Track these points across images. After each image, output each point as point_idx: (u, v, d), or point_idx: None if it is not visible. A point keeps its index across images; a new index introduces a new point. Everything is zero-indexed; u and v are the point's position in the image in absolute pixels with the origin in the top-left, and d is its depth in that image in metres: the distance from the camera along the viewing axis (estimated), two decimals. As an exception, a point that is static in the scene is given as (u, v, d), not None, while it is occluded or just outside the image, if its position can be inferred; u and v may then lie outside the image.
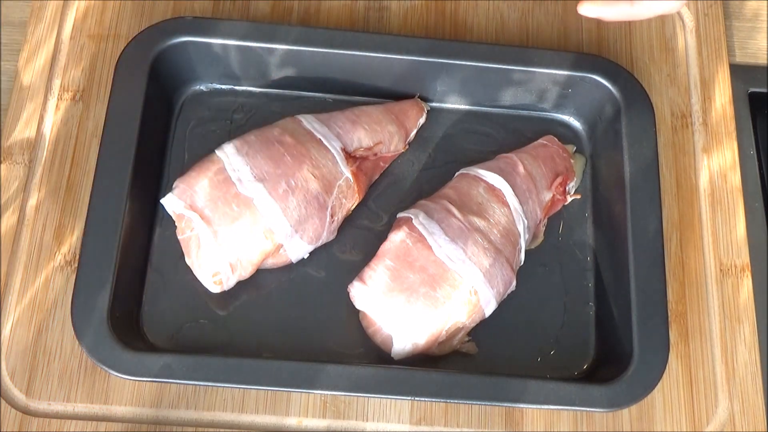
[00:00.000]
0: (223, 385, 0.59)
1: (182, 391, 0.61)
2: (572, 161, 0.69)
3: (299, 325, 0.63)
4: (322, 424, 0.62)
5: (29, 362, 0.61)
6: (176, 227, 0.62)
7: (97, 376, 0.61)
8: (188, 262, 0.62)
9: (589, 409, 0.58)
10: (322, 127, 0.64)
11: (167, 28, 0.65)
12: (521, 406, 0.59)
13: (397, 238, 0.61)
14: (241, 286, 0.63)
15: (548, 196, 0.67)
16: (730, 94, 0.73)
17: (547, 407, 0.59)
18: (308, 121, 0.65)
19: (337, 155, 0.63)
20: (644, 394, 0.59)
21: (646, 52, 0.74)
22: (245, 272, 0.62)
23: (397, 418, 0.62)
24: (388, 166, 0.69)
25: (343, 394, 0.59)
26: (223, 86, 0.70)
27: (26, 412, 0.60)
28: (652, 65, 0.74)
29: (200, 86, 0.70)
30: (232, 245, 0.60)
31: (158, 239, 0.65)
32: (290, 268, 0.65)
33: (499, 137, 0.71)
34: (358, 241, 0.66)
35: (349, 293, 0.62)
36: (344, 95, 0.70)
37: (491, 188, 0.64)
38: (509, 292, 0.63)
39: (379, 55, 0.66)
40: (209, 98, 0.70)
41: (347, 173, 0.64)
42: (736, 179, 0.71)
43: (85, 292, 0.58)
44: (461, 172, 0.67)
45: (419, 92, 0.70)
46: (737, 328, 0.66)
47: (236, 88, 0.70)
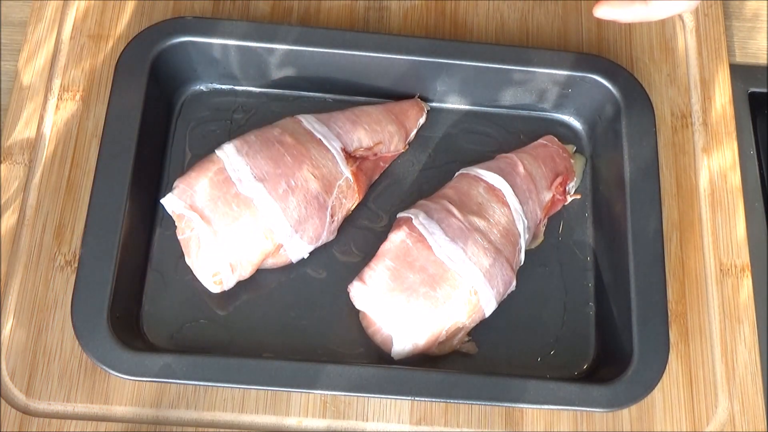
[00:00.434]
0: (223, 385, 0.59)
1: (182, 391, 0.61)
2: (572, 161, 0.69)
3: (299, 325, 0.63)
4: (322, 424, 0.62)
5: (29, 362, 0.61)
6: (176, 227, 0.62)
7: (97, 376, 0.61)
8: (188, 262, 0.62)
9: (589, 409, 0.58)
10: (322, 127, 0.64)
11: (167, 28, 0.65)
12: (521, 406, 0.59)
13: (397, 238, 0.61)
14: (241, 286, 0.63)
15: (548, 196, 0.67)
16: (730, 94, 0.73)
17: (547, 407, 0.59)
18: (308, 121, 0.65)
19: (337, 155, 0.63)
20: (644, 394, 0.59)
21: (646, 52, 0.74)
22: (245, 272, 0.62)
23: (397, 418, 0.62)
24: (388, 166, 0.69)
25: (343, 394, 0.59)
26: (223, 86, 0.70)
27: (26, 412, 0.60)
28: (652, 65, 0.74)
29: (200, 86, 0.70)
30: (232, 245, 0.60)
31: (158, 239, 0.65)
32: (290, 268, 0.65)
33: (499, 137, 0.71)
34: (358, 241, 0.66)
35: (349, 293, 0.62)
36: (344, 95, 0.70)
37: (491, 188, 0.64)
38: (509, 292, 0.63)
39: (379, 55, 0.66)
40: (209, 98, 0.70)
41: (347, 173, 0.64)
42: (736, 179, 0.71)
43: (85, 292, 0.58)
44: (461, 172, 0.67)
45: (419, 92, 0.70)
46: (737, 328, 0.66)
47: (236, 88, 0.70)
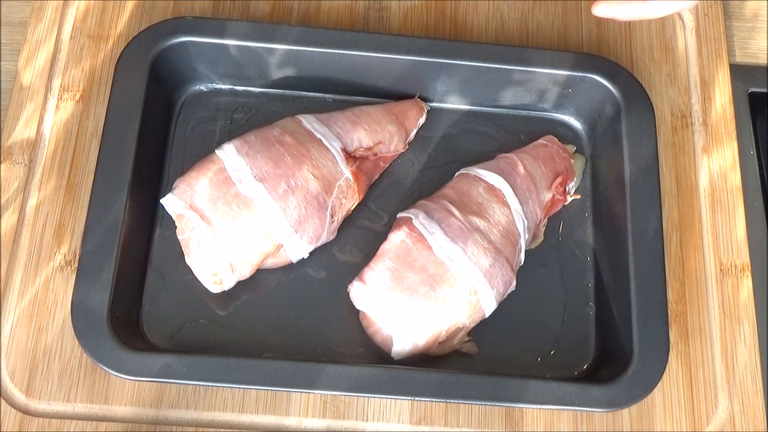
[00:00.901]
0: (223, 385, 0.59)
1: (182, 391, 0.61)
2: (572, 161, 0.69)
3: (299, 325, 0.63)
4: (322, 424, 0.62)
5: (29, 362, 0.61)
6: (176, 227, 0.62)
7: (97, 376, 0.61)
8: (188, 262, 0.62)
9: (589, 409, 0.58)
10: (322, 127, 0.64)
11: (167, 28, 0.65)
12: (521, 406, 0.59)
13: (397, 238, 0.61)
14: (241, 286, 0.63)
15: (548, 196, 0.67)
16: (730, 94, 0.73)
17: (547, 407, 0.59)
18: (308, 121, 0.65)
19: (337, 155, 0.63)
20: (644, 394, 0.59)
21: (646, 52, 0.74)
22: (245, 272, 0.62)
23: (397, 418, 0.62)
24: (388, 166, 0.69)
25: (343, 394, 0.59)
26: (223, 86, 0.70)
27: (26, 412, 0.60)
28: (652, 65, 0.74)
29: (200, 86, 0.70)
30: (232, 245, 0.60)
31: (158, 239, 0.65)
32: (290, 268, 0.65)
33: (499, 137, 0.71)
34: (358, 241, 0.66)
35: (349, 293, 0.62)
36: (344, 95, 0.70)
37: (491, 188, 0.64)
38: (509, 292, 0.63)
39: (379, 55, 0.66)
40: (209, 98, 0.70)
41: (347, 173, 0.64)
42: (736, 179, 0.71)
43: (85, 292, 0.58)
44: (461, 172, 0.67)
45: (419, 92, 0.70)
46: (737, 328, 0.66)
47: (236, 88, 0.70)
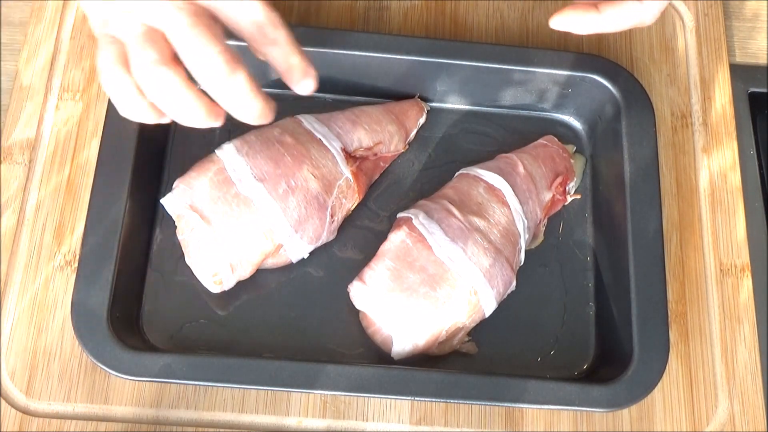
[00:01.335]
0: (223, 385, 0.59)
1: (182, 391, 0.61)
2: (572, 161, 0.69)
3: (299, 325, 0.63)
4: (322, 424, 0.62)
5: (29, 362, 0.61)
6: (176, 227, 0.62)
7: (97, 376, 0.61)
8: (188, 262, 0.62)
9: (589, 409, 0.58)
10: (322, 127, 0.64)
11: (167, 28, 0.65)
12: (521, 406, 0.59)
13: (397, 238, 0.61)
14: (241, 286, 0.63)
15: (548, 196, 0.67)
16: (730, 94, 0.73)
17: (547, 407, 0.59)
18: (308, 121, 0.65)
19: (337, 155, 0.63)
20: (644, 394, 0.59)
21: (646, 52, 0.74)
22: (245, 272, 0.62)
23: (397, 418, 0.62)
24: (388, 166, 0.69)
25: (343, 394, 0.59)
26: (223, 86, 0.70)
27: (26, 412, 0.60)
28: (652, 65, 0.74)
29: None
30: (232, 245, 0.60)
31: (158, 239, 0.65)
32: (290, 268, 0.65)
33: (499, 137, 0.71)
34: (358, 241, 0.66)
35: (349, 293, 0.62)
36: (344, 95, 0.70)
37: (491, 188, 0.64)
38: (509, 292, 0.63)
39: (379, 55, 0.66)
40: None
41: (347, 173, 0.64)
42: (736, 179, 0.71)
43: (85, 292, 0.58)
44: (461, 172, 0.67)
45: (419, 92, 0.70)
46: (737, 328, 0.66)
47: (236, 88, 0.70)
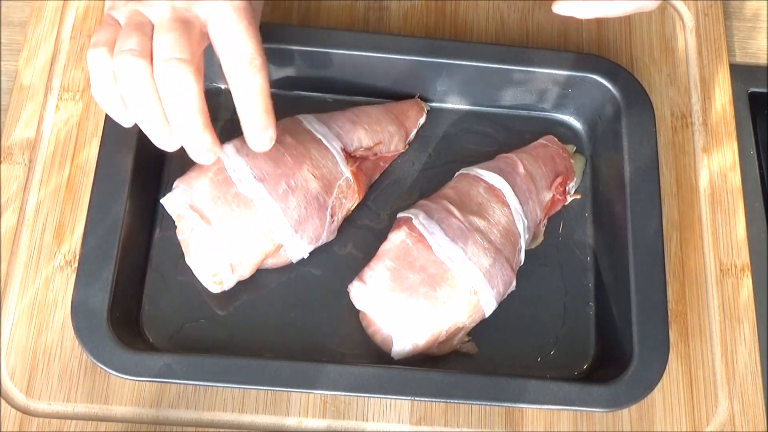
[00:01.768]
0: (223, 385, 0.59)
1: (182, 391, 0.61)
2: (572, 161, 0.69)
3: (299, 325, 0.63)
4: (322, 424, 0.62)
5: (29, 362, 0.61)
6: (176, 227, 0.62)
7: (97, 376, 0.61)
8: (188, 262, 0.62)
9: (589, 409, 0.58)
10: (322, 127, 0.64)
11: (167, 28, 0.65)
12: (521, 406, 0.59)
13: (397, 238, 0.61)
14: (241, 286, 0.63)
15: (548, 196, 0.67)
16: (730, 94, 0.73)
17: (547, 407, 0.59)
18: (308, 121, 0.65)
19: (337, 155, 0.63)
20: (644, 394, 0.59)
21: (646, 52, 0.74)
22: (245, 272, 0.62)
23: (397, 418, 0.62)
24: (388, 166, 0.69)
25: (343, 394, 0.59)
26: (223, 86, 0.70)
27: (26, 412, 0.60)
28: (652, 65, 0.74)
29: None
30: (232, 245, 0.60)
31: (158, 239, 0.65)
32: (290, 268, 0.65)
33: (499, 137, 0.71)
34: (358, 240, 0.66)
35: (349, 293, 0.62)
36: (344, 95, 0.70)
37: (491, 188, 0.64)
38: (509, 292, 0.63)
39: (379, 55, 0.66)
40: (209, 98, 0.68)
41: (347, 173, 0.64)
42: (736, 179, 0.71)
43: (85, 292, 0.58)
44: (461, 172, 0.67)
45: (419, 92, 0.70)
46: (737, 328, 0.66)
47: (236, 88, 0.70)
